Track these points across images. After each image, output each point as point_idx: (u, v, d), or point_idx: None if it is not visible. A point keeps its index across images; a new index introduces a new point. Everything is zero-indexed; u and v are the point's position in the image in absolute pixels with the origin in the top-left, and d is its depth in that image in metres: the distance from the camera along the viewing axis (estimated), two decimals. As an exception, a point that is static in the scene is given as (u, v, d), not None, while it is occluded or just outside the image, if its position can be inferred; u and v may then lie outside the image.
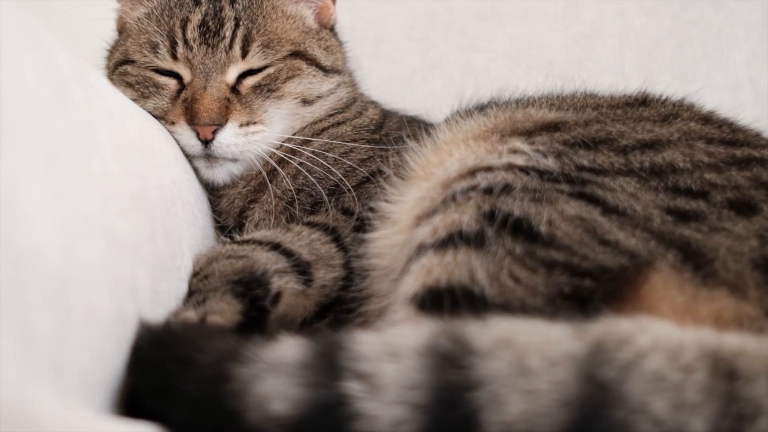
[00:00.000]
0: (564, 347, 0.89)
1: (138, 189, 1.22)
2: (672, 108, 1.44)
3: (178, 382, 0.96)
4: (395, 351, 0.90)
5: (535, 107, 1.42)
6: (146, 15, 1.70)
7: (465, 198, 1.21)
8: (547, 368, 0.87)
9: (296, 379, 0.90)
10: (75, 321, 0.92)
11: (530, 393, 0.85)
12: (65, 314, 0.91)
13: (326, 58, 1.78)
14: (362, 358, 0.90)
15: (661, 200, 1.18)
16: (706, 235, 1.14)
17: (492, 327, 0.93)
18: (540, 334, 0.92)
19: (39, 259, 0.87)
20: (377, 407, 0.86)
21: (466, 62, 2.57)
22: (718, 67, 2.47)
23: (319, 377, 0.90)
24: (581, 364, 0.87)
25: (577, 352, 0.89)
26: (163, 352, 1.02)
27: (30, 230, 0.87)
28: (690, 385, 0.87)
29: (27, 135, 0.90)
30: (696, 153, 1.26)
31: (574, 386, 0.86)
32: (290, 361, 0.92)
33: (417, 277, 1.17)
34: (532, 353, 0.88)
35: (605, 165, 1.23)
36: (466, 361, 0.88)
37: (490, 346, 0.89)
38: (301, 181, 1.67)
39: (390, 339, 0.93)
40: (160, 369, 1.00)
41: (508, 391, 0.85)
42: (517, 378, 0.86)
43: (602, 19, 2.54)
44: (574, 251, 1.12)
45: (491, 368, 0.87)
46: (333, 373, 0.90)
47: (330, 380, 0.89)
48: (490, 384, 0.86)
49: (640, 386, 0.86)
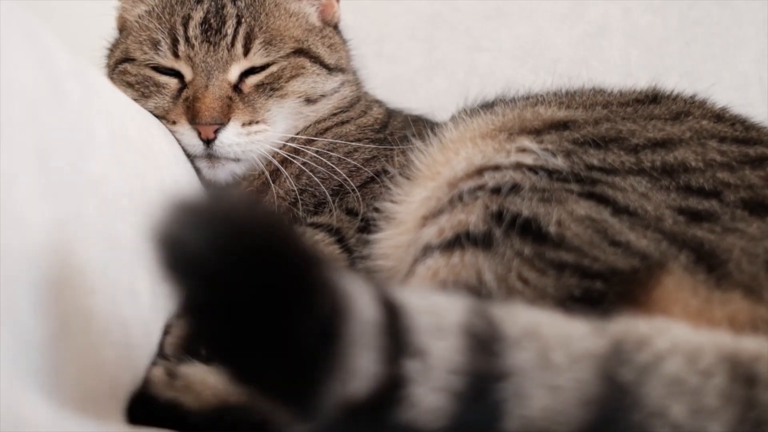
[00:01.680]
0: (586, 344, 0.86)
1: (138, 189, 1.20)
2: (683, 105, 1.42)
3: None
4: (441, 324, 0.82)
5: (544, 105, 1.41)
6: (147, 12, 1.69)
7: (472, 198, 1.20)
8: (570, 364, 0.84)
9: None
10: (70, 325, 0.90)
11: (553, 389, 0.82)
12: (60, 318, 0.88)
13: (330, 56, 1.76)
14: (420, 330, 0.81)
15: (672, 200, 1.16)
16: (720, 236, 1.12)
17: (517, 314, 0.89)
18: (562, 328, 0.88)
19: (32, 261, 0.85)
20: (423, 392, 0.78)
21: (470, 62, 2.58)
22: (725, 65, 2.48)
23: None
24: (602, 363, 0.85)
25: (598, 350, 0.86)
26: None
27: (23, 231, 0.84)
28: (709, 389, 0.85)
29: (20, 133, 0.88)
30: (708, 152, 1.24)
31: (595, 385, 0.83)
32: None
33: (423, 278, 1.16)
34: (557, 347, 0.85)
35: (615, 164, 1.22)
36: (497, 347, 0.83)
37: (518, 334, 0.85)
38: (305, 181, 1.66)
39: (434, 307, 0.84)
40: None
41: (533, 384, 0.82)
42: (542, 372, 0.83)
43: (608, 18, 2.55)
44: (584, 252, 1.10)
45: (519, 358, 0.83)
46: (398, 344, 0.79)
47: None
48: (516, 376, 0.82)
49: (659, 390, 0.84)
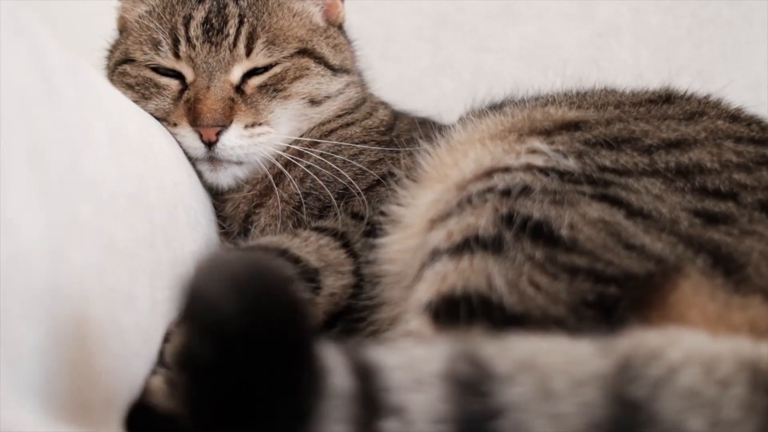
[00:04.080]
0: (589, 366, 0.85)
1: (136, 192, 1.17)
2: (697, 105, 1.40)
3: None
4: (419, 377, 0.84)
5: (554, 105, 1.39)
6: (148, 12, 1.67)
7: (481, 200, 1.17)
8: (573, 390, 0.82)
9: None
10: (64, 333, 0.87)
11: (556, 417, 0.81)
12: (53, 326, 0.85)
13: (334, 56, 1.74)
14: (394, 389, 0.82)
15: (688, 202, 1.14)
16: (737, 239, 1.09)
17: (511, 347, 0.88)
18: (563, 354, 0.87)
19: (24, 265, 0.82)
20: None
21: (477, 63, 2.56)
22: (737, 66, 2.44)
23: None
24: (609, 383, 0.83)
25: (603, 370, 0.84)
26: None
27: (14, 235, 0.81)
28: (728, 400, 0.82)
29: (11, 131, 0.85)
30: (724, 152, 1.22)
31: (602, 407, 0.81)
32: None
33: (431, 284, 1.12)
34: (556, 375, 0.84)
35: (629, 165, 1.19)
36: (487, 387, 0.83)
37: (510, 370, 0.84)
38: (309, 184, 1.63)
39: (411, 361, 0.86)
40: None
41: (533, 416, 0.81)
42: (542, 402, 0.81)
43: (617, 17, 2.53)
44: (598, 256, 1.07)
45: (513, 394, 0.82)
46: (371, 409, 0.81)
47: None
48: (514, 411, 0.81)
49: (674, 404, 0.81)
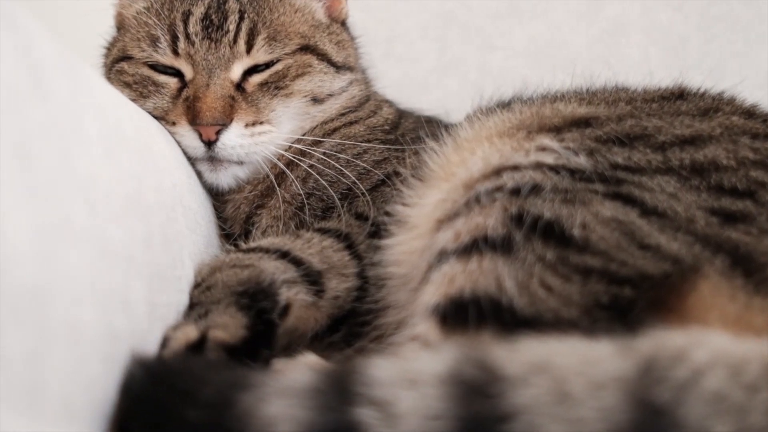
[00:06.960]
0: (609, 368, 0.82)
1: (133, 192, 1.13)
2: (711, 101, 1.38)
3: (177, 414, 0.88)
4: (414, 378, 0.84)
5: (564, 102, 1.36)
6: (146, 8, 1.64)
7: (490, 200, 1.14)
8: (592, 393, 0.80)
9: (305, 402, 0.84)
10: (54, 338, 0.83)
11: (574, 422, 0.78)
12: (42, 331, 0.81)
13: (338, 53, 1.71)
14: (377, 384, 0.84)
15: (704, 201, 1.11)
16: (756, 238, 1.07)
17: (523, 350, 0.87)
18: (580, 355, 0.85)
19: (11, 268, 0.78)
20: None
21: (483, 62, 2.56)
22: (747, 63, 2.43)
23: (329, 401, 0.83)
24: (631, 386, 0.80)
25: (624, 372, 0.82)
26: (161, 388, 0.93)
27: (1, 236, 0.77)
28: (755, 405, 0.79)
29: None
30: (740, 149, 1.19)
31: (623, 412, 0.79)
32: (300, 386, 0.86)
33: (438, 286, 1.10)
34: (573, 377, 0.81)
35: (642, 163, 1.17)
36: (496, 389, 0.81)
37: (522, 372, 0.83)
38: (312, 184, 1.60)
39: (408, 366, 0.87)
40: (156, 406, 0.92)
41: (548, 420, 0.78)
42: (558, 406, 0.79)
43: (626, 15, 2.52)
44: (612, 257, 1.04)
45: (526, 396, 0.80)
46: (345, 397, 0.83)
47: (341, 405, 0.83)
48: (526, 414, 0.79)
49: (700, 409, 0.79)
